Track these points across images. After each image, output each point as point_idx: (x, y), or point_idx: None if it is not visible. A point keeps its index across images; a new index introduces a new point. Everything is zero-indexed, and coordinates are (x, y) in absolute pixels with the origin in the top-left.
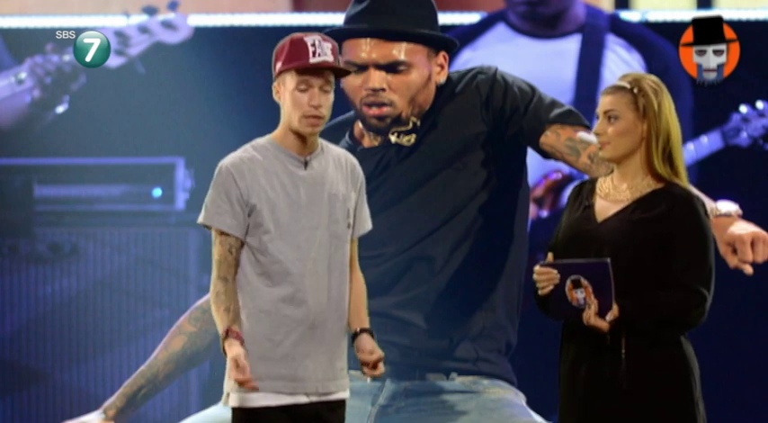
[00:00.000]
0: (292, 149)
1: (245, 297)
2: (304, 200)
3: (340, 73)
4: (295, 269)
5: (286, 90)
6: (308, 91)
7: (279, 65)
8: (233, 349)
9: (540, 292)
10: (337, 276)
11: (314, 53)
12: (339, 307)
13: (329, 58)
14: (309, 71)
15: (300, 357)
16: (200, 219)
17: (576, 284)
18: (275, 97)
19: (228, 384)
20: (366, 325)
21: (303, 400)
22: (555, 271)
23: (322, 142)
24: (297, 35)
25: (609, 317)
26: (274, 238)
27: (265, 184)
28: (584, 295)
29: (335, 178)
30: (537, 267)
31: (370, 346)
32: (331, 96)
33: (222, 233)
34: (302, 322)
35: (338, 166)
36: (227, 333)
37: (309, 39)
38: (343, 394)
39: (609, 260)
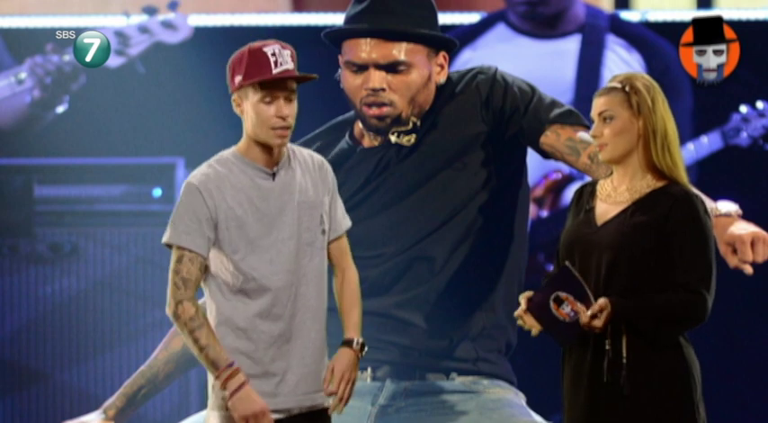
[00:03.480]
0: (258, 162)
1: (223, 314)
2: (273, 212)
3: (302, 79)
4: (270, 284)
5: (248, 103)
6: (273, 103)
7: (238, 78)
8: (254, 402)
9: (533, 333)
10: (314, 286)
11: (275, 63)
12: (318, 317)
13: (290, 65)
14: (273, 83)
15: (281, 372)
16: (166, 238)
17: (559, 302)
18: (236, 111)
19: (210, 402)
20: (351, 334)
21: (286, 415)
22: (531, 311)
23: (290, 148)
24: (255, 45)
25: (595, 310)
26: (246, 255)
27: (232, 201)
28: (570, 307)
29: (305, 185)
30: (517, 313)
31: (340, 367)
32: (295, 104)
33: (191, 252)
34: (280, 337)
35: (306, 170)
36: (230, 366)
37: (269, 49)
38: (328, 402)
39: (568, 263)
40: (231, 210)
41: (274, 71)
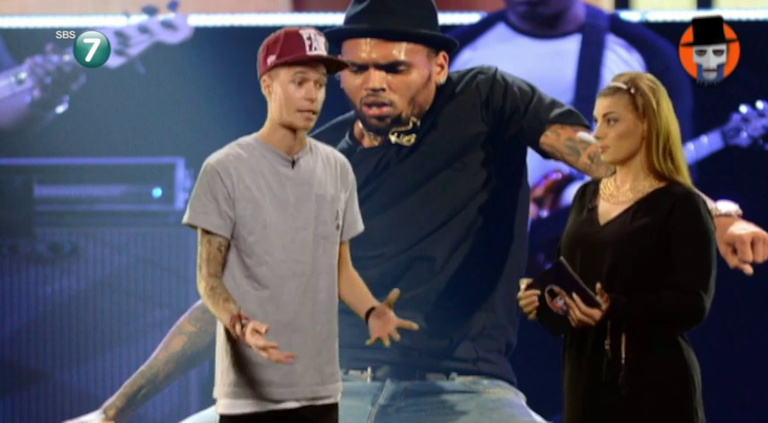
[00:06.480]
0: (280, 147)
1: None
2: (291, 200)
3: (333, 69)
4: (281, 271)
5: (278, 84)
6: (303, 85)
7: (272, 58)
8: (255, 336)
9: (530, 317)
10: (326, 279)
11: (310, 46)
12: (328, 310)
13: (324, 52)
14: (306, 64)
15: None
16: (186, 219)
17: (552, 294)
18: (264, 92)
19: (217, 390)
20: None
21: (293, 405)
22: (533, 291)
23: (311, 141)
24: (291, 28)
25: (601, 302)
26: (260, 239)
27: (251, 183)
28: (563, 301)
29: (324, 178)
30: (519, 295)
31: (384, 316)
32: (323, 92)
33: (209, 232)
34: (288, 325)
35: (327, 165)
36: (240, 318)
37: (305, 32)
38: (335, 399)
39: (562, 258)
40: (249, 190)
41: (309, 53)
